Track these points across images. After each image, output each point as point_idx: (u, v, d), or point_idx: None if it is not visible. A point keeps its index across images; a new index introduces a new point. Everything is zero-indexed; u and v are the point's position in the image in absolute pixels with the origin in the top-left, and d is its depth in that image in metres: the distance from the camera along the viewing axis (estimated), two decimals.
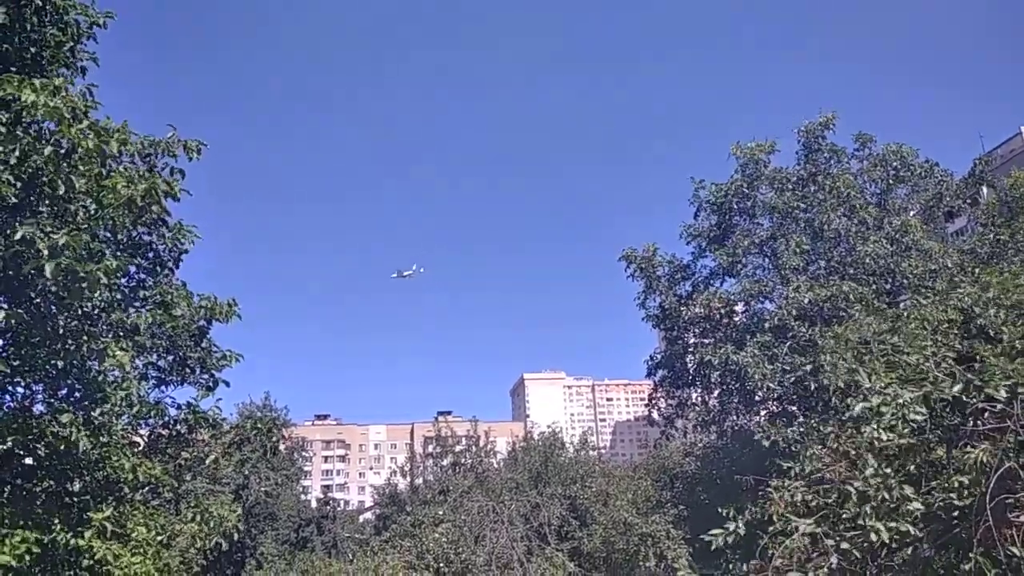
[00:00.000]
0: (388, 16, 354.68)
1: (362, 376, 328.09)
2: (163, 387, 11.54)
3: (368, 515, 53.18)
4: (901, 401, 8.61)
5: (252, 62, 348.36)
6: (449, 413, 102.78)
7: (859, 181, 22.07)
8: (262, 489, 34.95)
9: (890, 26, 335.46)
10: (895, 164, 21.91)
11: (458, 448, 37.29)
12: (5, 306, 7.97)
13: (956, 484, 7.15)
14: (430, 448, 42.21)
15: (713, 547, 9.62)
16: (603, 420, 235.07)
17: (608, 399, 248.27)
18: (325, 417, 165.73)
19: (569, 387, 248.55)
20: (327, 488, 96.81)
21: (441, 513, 27.58)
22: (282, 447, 38.36)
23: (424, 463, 43.18)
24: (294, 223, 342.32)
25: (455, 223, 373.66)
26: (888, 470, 8.27)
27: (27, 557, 7.57)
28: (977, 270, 13.98)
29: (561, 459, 33.92)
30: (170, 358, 11.35)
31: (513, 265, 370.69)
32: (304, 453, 54.33)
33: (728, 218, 22.43)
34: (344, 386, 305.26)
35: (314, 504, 47.02)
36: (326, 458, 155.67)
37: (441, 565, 23.32)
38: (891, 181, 22.12)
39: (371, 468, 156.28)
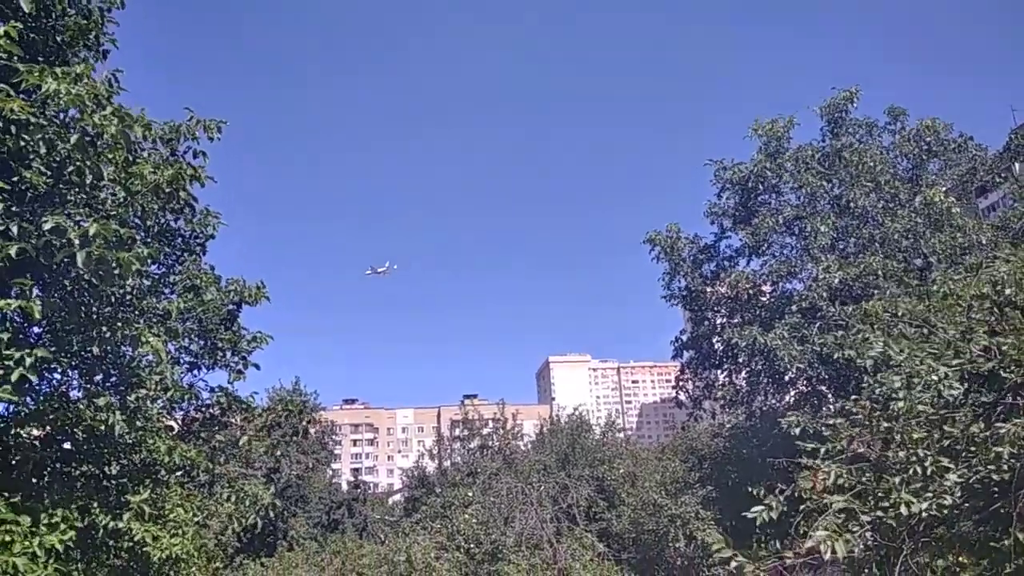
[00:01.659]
0: None
1: (388, 360, 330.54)
2: (195, 371, 11.68)
3: (397, 497, 53.72)
4: (935, 376, 8.48)
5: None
6: (475, 396, 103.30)
7: (890, 156, 21.67)
8: (293, 472, 35.43)
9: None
10: (928, 139, 21.47)
11: (485, 431, 37.46)
12: (41, 295, 8.09)
13: (994, 456, 7.03)
14: (457, 431, 42.44)
15: (759, 523, 9.58)
16: (629, 402, 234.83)
17: (634, 381, 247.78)
18: (353, 401, 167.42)
19: (594, 369, 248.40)
20: (356, 471, 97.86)
21: (471, 495, 27.77)
22: (312, 431, 38.81)
23: (451, 446, 43.46)
24: (317, 201, 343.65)
25: (476, 203, 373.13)
26: (922, 444, 8.17)
27: (70, 539, 7.73)
28: (1010, 246, 13.70)
29: (588, 441, 34.00)
30: (201, 342, 11.48)
31: (536, 246, 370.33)
32: (334, 437, 54.90)
33: (753, 196, 22.13)
34: (371, 370, 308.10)
35: (344, 487, 47.58)
36: (355, 441, 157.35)
37: (472, 546, 23.49)
38: (923, 156, 21.69)
39: (399, 451, 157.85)
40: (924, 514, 7.25)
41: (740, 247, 22.39)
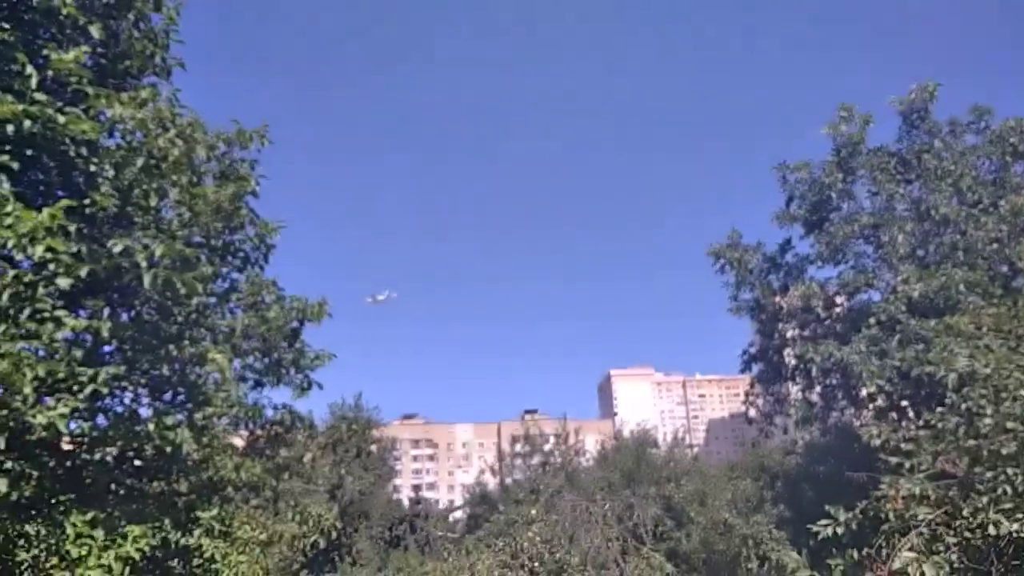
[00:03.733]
0: None
1: (446, 374, 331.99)
2: (259, 388, 11.77)
3: (459, 514, 53.79)
4: None
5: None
6: (535, 411, 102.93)
7: (972, 158, 20.70)
8: (356, 488, 35.75)
9: None
10: (1012, 140, 20.42)
11: (546, 447, 37.22)
12: (110, 315, 8.26)
13: None
14: (518, 447, 42.32)
15: (821, 536, 9.10)
16: (695, 417, 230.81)
17: (700, 395, 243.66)
18: (413, 416, 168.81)
19: (658, 384, 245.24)
20: (417, 487, 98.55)
21: (534, 512, 27.49)
22: (373, 447, 39.20)
23: (512, 462, 43.33)
24: (374, 211, 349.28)
25: (535, 215, 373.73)
26: (1012, 463, 7.74)
27: (144, 550, 7.84)
28: None
29: (654, 458, 33.43)
30: (265, 360, 11.57)
31: (596, 257, 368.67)
32: (394, 453, 55.37)
33: (825, 202, 21.40)
34: (429, 383, 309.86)
35: (406, 503, 47.86)
36: (415, 457, 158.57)
37: (536, 565, 23.22)
38: (1008, 158, 20.64)
39: (459, 467, 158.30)
40: (1014, 535, 6.88)
41: (810, 255, 21.70)
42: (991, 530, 7.23)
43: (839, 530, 9.61)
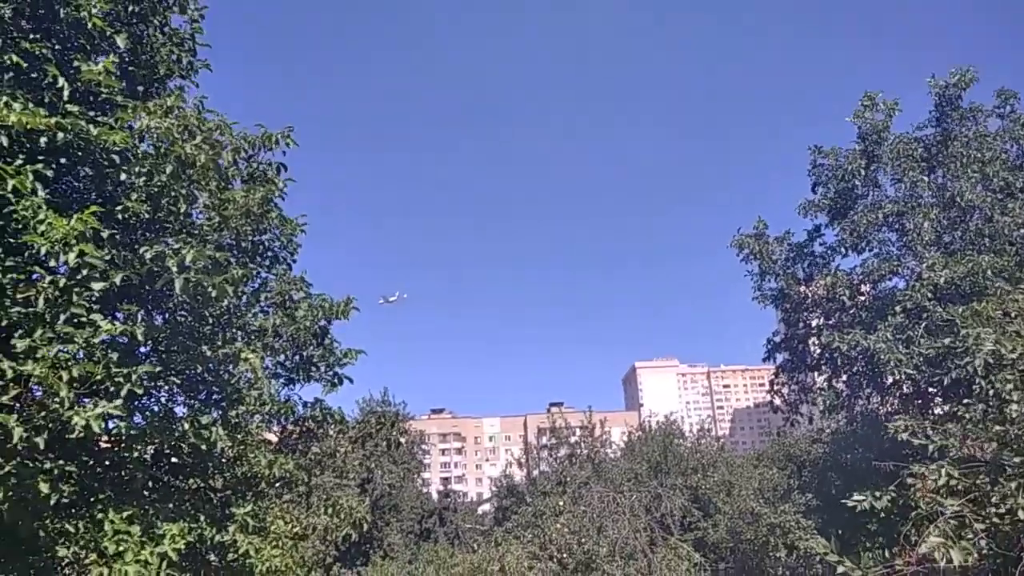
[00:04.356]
0: None
1: (472, 368, 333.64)
2: (290, 385, 11.98)
3: (487, 507, 54.04)
4: None
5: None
6: (561, 404, 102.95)
7: (998, 143, 20.38)
8: (386, 482, 36.11)
9: None
10: None
11: (573, 439, 37.27)
12: (144, 317, 8.48)
13: None
14: (544, 439, 42.40)
15: (851, 517, 9.05)
16: (720, 407, 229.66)
17: (725, 385, 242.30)
18: (440, 411, 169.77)
19: (683, 374, 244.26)
20: (446, 480, 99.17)
21: (561, 504, 27.63)
22: (403, 441, 39.52)
23: (539, 454, 43.44)
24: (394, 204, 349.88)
25: (557, 207, 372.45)
26: None
27: (182, 548, 8.05)
28: None
29: (680, 449, 33.41)
30: (295, 358, 11.77)
31: (619, 249, 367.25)
32: (423, 446, 55.75)
33: (850, 189, 21.19)
34: (455, 378, 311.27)
35: (435, 496, 48.20)
36: (443, 451, 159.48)
37: (564, 556, 23.37)
38: None
39: (487, 460, 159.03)
40: None
41: (835, 244, 21.51)
42: (1020, 515, 7.22)
43: (870, 512, 9.58)
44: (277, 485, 11.21)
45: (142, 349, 8.62)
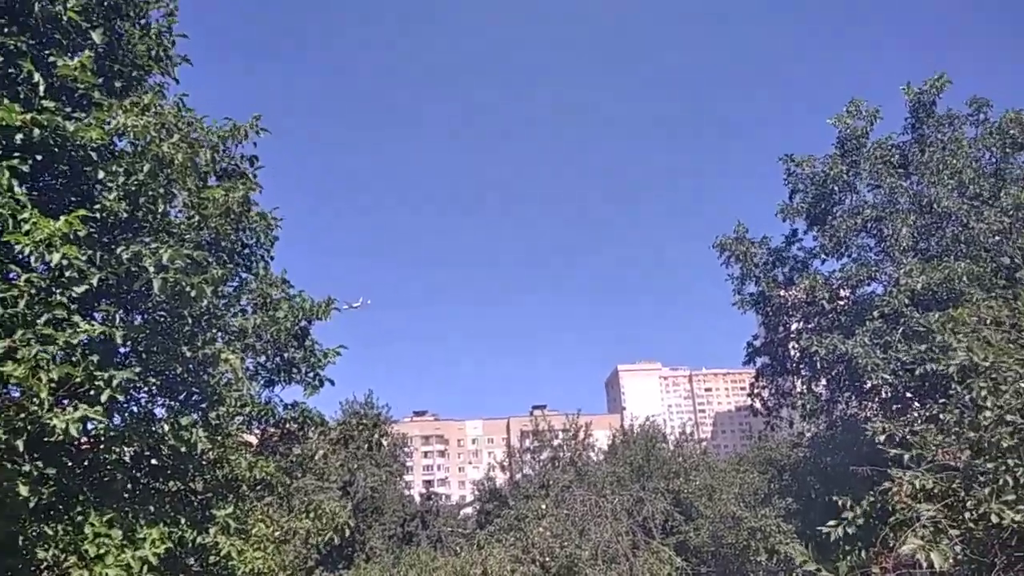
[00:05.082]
0: None
1: (455, 371, 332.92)
2: (271, 387, 11.93)
3: (469, 510, 53.92)
4: None
5: None
6: (544, 407, 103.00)
7: (972, 150, 20.69)
8: (368, 485, 35.97)
9: None
10: (1013, 132, 20.39)
11: (555, 442, 37.28)
12: (123, 318, 8.42)
13: None
14: (527, 442, 42.37)
15: (832, 538, 9.20)
16: (702, 411, 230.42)
17: (707, 389, 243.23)
18: (423, 413, 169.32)
19: (665, 378, 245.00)
20: (428, 483, 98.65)
21: (544, 507, 27.66)
22: (385, 443, 39.39)
23: (522, 457, 43.40)
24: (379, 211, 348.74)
25: (540, 207, 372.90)
26: (1013, 455, 7.81)
27: (163, 552, 7.99)
28: None
29: (662, 452, 33.54)
30: (276, 359, 11.72)
31: (601, 252, 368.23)
32: (405, 449, 55.58)
33: (827, 195, 21.41)
34: (437, 380, 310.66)
35: (417, 499, 48.02)
36: (426, 453, 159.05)
37: (547, 559, 23.39)
38: (1008, 150, 20.61)
39: (469, 462, 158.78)
40: (1016, 526, 6.95)
41: (814, 249, 21.74)
42: (993, 520, 7.30)
43: (848, 529, 9.70)
44: (258, 488, 11.15)
45: (121, 350, 8.56)
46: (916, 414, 16.19)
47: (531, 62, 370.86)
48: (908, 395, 18.13)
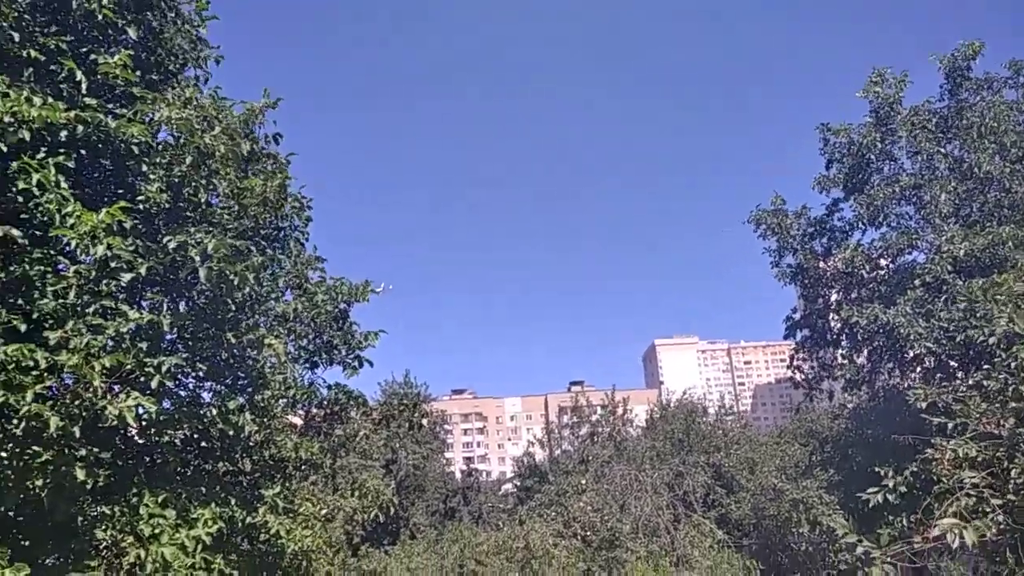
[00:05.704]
0: None
1: (492, 348, 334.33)
2: (313, 369, 12.17)
3: (509, 486, 54.43)
4: None
5: None
6: (582, 383, 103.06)
7: (1013, 114, 20.07)
8: (410, 462, 36.52)
9: None
10: None
11: (594, 417, 37.37)
12: (170, 306, 8.66)
13: None
14: (565, 418, 42.55)
15: (871, 504, 9.12)
16: (741, 384, 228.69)
17: (746, 362, 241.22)
18: (462, 391, 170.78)
19: (703, 351, 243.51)
20: (468, 460, 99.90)
21: (583, 483, 27.84)
22: (425, 422, 39.91)
23: (561, 433, 43.61)
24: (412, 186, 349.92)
25: (576, 182, 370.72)
26: None
27: (216, 532, 8.27)
28: None
29: (702, 426, 33.45)
30: (317, 341, 11.95)
31: (636, 226, 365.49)
32: (445, 427, 56.20)
33: (865, 164, 20.98)
34: (476, 358, 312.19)
35: (458, 476, 48.65)
36: (465, 431, 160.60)
37: (588, 533, 23.59)
38: None
39: (508, 439, 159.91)
40: None
41: (853, 219, 21.34)
42: None
43: (889, 496, 9.66)
44: (303, 467, 11.43)
45: (168, 337, 8.81)
46: (960, 383, 15.96)
47: (558, 26, 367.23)
48: (952, 364, 17.81)
